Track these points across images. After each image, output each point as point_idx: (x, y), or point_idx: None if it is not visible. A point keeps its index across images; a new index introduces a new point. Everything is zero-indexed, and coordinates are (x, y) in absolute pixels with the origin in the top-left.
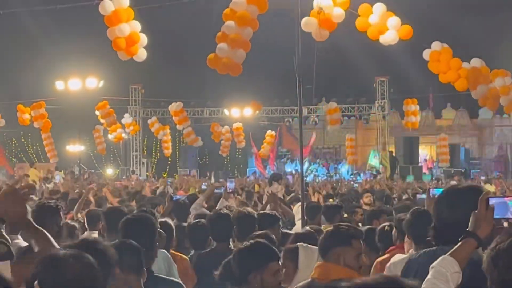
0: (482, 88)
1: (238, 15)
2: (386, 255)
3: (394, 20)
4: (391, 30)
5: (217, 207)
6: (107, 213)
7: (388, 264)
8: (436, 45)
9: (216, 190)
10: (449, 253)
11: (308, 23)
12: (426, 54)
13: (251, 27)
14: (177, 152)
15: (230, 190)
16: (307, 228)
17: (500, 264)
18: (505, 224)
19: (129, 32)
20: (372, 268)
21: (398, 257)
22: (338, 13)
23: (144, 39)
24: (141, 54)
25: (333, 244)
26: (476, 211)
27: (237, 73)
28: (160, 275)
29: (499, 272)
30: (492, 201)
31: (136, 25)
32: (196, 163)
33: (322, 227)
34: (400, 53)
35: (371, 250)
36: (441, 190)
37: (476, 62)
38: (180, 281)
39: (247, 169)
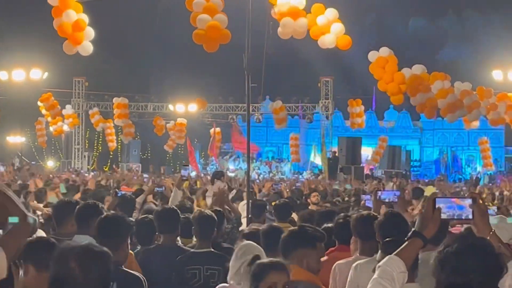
0: (421, 96)
1: None
2: (326, 257)
3: (338, 27)
4: (331, 34)
5: (171, 198)
6: (57, 207)
7: (355, 265)
8: (384, 51)
9: (157, 189)
10: (395, 252)
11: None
12: (372, 56)
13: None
14: (119, 147)
15: (185, 178)
16: (254, 226)
17: (448, 267)
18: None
19: (76, 18)
20: None
21: (358, 258)
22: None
23: (91, 32)
24: (87, 47)
25: (297, 245)
26: (423, 211)
27: (226, 40)
28: (125, 269)
29: (446, 274)
30: (440, 202)
31: (84, 17)
32: (138, 157)
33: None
34: (345, 54)
35: None
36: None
37: (417, 69)
38: (141, 276)
39: (186, 164)
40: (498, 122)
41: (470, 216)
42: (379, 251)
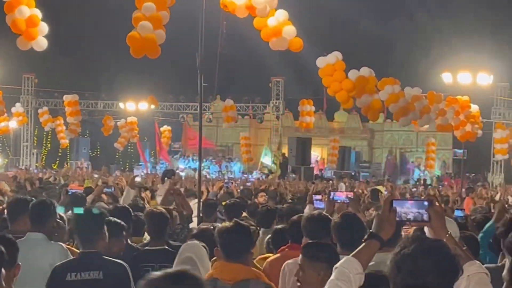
0: (366, 98)
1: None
2: (278, 255)
3: (289, 29)
4: (283, 37)
5: (123, 197)
6: (11, 204)
7: None
8: (331, 58)
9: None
10: (352, 254)
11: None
12: (320, 63)
13: (166, 12)
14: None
15: (138, 176)
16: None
17: (404, 269)
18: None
19: (29, 14)
20: (263, 267)
21: None
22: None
23: (45, 27)
24: (41, 42)
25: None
26: (379, 213)
27: (155, 55)
28: (108, 258)
29: (402, 277)
30: (396, 204)
31: (37, 12)
32: (87, 155)
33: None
34: (296, 55)
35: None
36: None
37: (365, 71)
38: (124, 263)
39: (139, 164)
40: (445, 128)
41: (426, 219)
42: (300, 255)
